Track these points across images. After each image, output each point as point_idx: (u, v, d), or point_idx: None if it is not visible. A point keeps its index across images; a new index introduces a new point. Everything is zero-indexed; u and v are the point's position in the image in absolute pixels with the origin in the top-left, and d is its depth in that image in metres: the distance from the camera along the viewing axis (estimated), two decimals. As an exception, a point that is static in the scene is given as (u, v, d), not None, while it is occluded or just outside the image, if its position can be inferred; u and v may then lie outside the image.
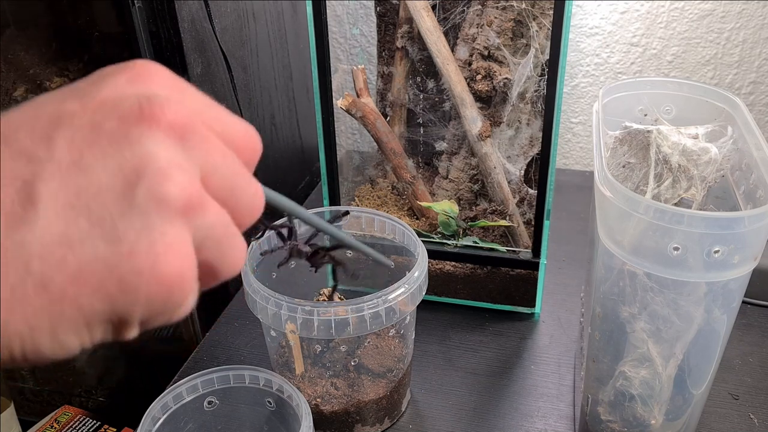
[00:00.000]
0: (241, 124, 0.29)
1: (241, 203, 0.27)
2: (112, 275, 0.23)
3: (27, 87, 0.87)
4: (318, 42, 0.71)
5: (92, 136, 0.23)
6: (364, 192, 0.86)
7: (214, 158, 0.26)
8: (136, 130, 0.24)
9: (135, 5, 0.69)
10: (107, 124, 0.24)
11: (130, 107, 0.24)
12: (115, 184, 0.23)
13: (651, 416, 0.56)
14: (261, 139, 0.30)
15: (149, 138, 0.24)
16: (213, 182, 0.26)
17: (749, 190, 0.53)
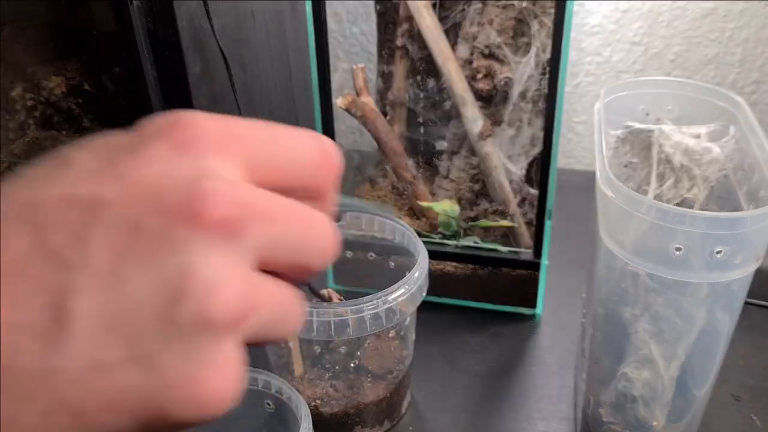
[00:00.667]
0: (311, 142, 0.26)
1: (310, 258, 0.25)
2: (148, 404, 0.21)
3: (24, 86, 0.86)
4: (317, 41, 0.71)
5: (131, 239, 0.21)
6: (364, 192, 0.86)
7: (275, 233, 0.23)
8: (180, 231, 0.21)
9: (133, 4, 0.69)
10: (148, 222, 0.21)
11: (176, 200, 0.21)
12: (154, 301, 0.21)
13: (653, 418, 0.56)
14: (340, 150, 0.27)
15: (194, 243, 0.21)
16: (275, 257, 0.23)
17: (752, 190, 0.52)
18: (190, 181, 0.21)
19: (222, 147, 0.23)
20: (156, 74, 0.74)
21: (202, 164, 0.22)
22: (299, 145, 0.25)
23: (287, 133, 0.25)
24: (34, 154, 0.89)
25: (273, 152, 0.24)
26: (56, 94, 0.87)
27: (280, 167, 0.24)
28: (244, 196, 0.22)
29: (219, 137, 0.23)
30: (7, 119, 0.88)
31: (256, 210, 0.22)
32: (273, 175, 0.24)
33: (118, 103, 0.88)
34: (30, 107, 0.88)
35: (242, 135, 0.24)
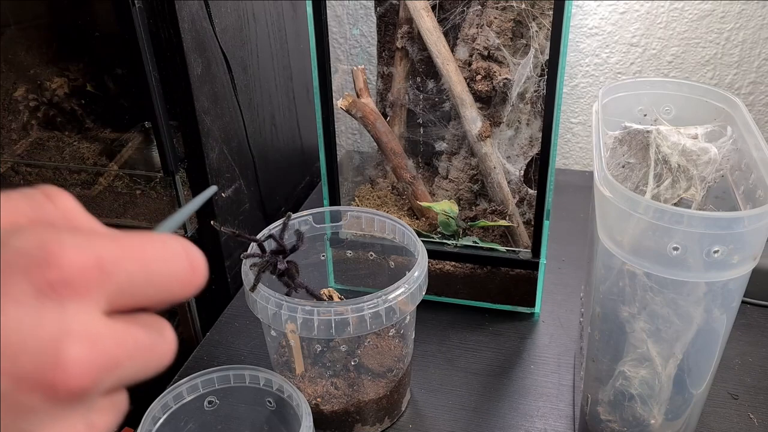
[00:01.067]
0: (181, 262, 0.25)
1: (149, 375, 0.25)
2: None
3: (27, 87, 0.87)
4: (318, 42, 0.71)
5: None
6: (364, 192, 0.86)
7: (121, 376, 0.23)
8: (30, 398, 0.21)
9: (135, 5, 0.70)
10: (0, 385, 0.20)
11: (32, 367, 0.20)
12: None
13: (650, 416, 0.56)
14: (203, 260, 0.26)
15: (42, 412, 0.21)
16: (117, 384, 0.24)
17: (749, 190, 0.53)
18: (50, 344, 0.21)
19: (85, 288, 0.22)
20: (158, 75, 0.74)
21: (64, 318, 0.21)
22: (167, 266, 0.25)
23: (155, 252, 0.24)
24: (37, 155, 0.89)
25: (138, 282, 0.24)
26: (59, 95, 0.87)
27: (142, 294, 0.24)
28: (99, 357, 0.22)
29: (85, 276, 0.22)
30: (9, 120, 0.89)
31: (108, 366, 0.22)
32: (134, 302, 0.24)
33: (121, 104, 0.89)
34: (33, 108, 0.89)
35: (109, 270, 0.23)
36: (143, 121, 0.88)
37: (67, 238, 0.22)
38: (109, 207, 0.88)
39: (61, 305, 0.21)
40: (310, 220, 0.70)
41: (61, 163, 0.88)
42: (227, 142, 0.85)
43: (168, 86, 0.76)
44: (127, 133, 0.89)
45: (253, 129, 0.92)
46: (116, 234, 0.24)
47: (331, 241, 0.77)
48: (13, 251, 0.21)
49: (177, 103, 0.77)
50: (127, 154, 0.87)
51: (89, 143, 0.89)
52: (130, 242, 0.24)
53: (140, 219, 0.87)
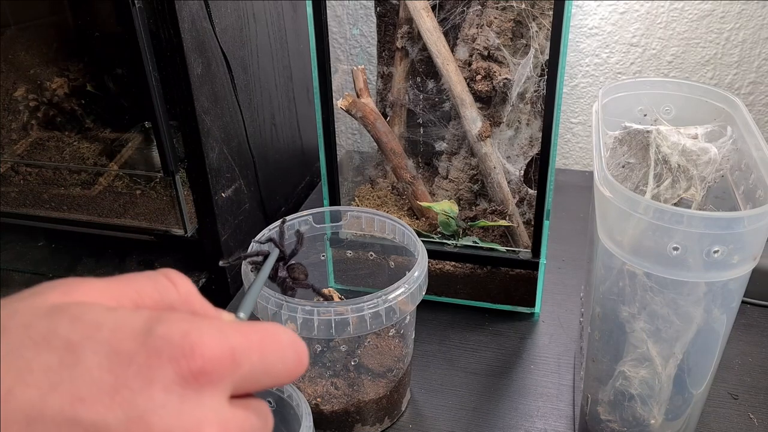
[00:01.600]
0: (292, 355, 0.28)
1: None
2: None
3: (27, 87, 0.87)
4: (318, 42, 0.71)
5: None
6: (364, 192, 0.86)
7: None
8: None
9: (135, 5, 0.70)
10: None
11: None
12: None
13: (650, 416, 0.56)
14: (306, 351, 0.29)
15: None
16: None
17: (749, 190, 0.53)
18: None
19: (219, 378, 0.24)
20: (158, 75, 0.74)
21: (203, 406, 0.24)
22: (281, 359, 0.27)
23: (273, 345, 0.27)
24: (37, 155, 0.89)
25: (257, 370, 0.26)
26: (59, 95, 0.87)
27: (259, 383, 0.27)
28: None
29: (220, 368, 0.24)
30: (9, 120, 0.89)
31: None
32: (251, 388, 0.27)
33: (121, 104, 0.89)
34: (33, 108, 0.89)
35: (238, 362, 0.25)
36: (143, 121, 0.88)
37: (206, 329, 0.25)
38: (109, 207, 0.88)
39: (200, 393, 0.24)
40: (310, 220, 0.70)
41: (61, 163, 0.88)
42: (227, 142, 0.85)
43: (168, 86, 0.76)
44: (127, 133, 0.89)
45: (253, 129, 0.92)
46: (240, 325, 0.26)
47: (331, 241, 0.77)
48: (161, 339, 0.24)
49: (177, 103, 0.77)
50: (127, 154, 0.87)
51: (89, 143, 0.89)
52: (254, 335, 0.26)
53: (140, 219, 0.87)
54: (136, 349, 0.23)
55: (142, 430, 0.22)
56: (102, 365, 0.23)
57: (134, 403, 0.22)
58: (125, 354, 0.23)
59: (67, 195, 0.88)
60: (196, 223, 0.85)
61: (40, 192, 0.89)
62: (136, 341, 0.23)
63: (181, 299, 0.28)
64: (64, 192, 0.88)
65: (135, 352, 0.23)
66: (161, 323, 0.24)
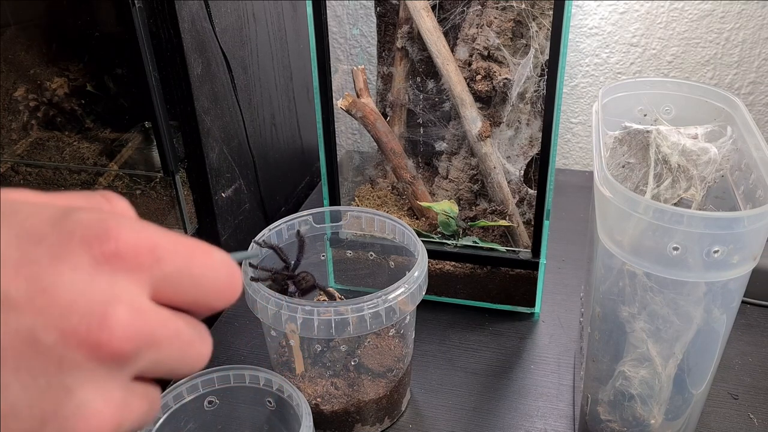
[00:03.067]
0: (222, 271, 0.26)
1: (183, 372, 0.26)
2: None
3: (27, 87, 0.87)
4: (318, 42, 0.71)
5: (25, 348, 0.21)
6: (364, 192, 0.86)
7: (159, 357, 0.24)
8: (74, 354, 0.21)
9: (135, 5, 0.70)
10: (46, 336, 0.21)
11: (80, 324, 0.21)
12: (26, 415, 0.21)
13: (650, 416, 0.56)
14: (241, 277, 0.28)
15: (84, 368, 0.22)
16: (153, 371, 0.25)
17: (749, 190, 0.53)
18: (99, 306, 0.22)
19: (137, 267, 0.23)
20: (158, 75, 0.74)
21: (114, 287, 0.23)
22: (209, 272, 0.26)
23: (202, 257, 0.26)
24: (37, 155, 0.89)
25: (182, 276, 0.25)
26: (59, 95, 0.87)
27: (183, 290, 0.25)
28: (144, 327, 0.23)
29: (138, 256, 0.23)
30: (9, 120, 0.89)
31: (150, 340, 0.23)
32: (175, 297, 0.25)
33: (121, 104, 0.89)
34: (33, 108, 0.89)
35: (160, 257, 0.24)
36: (143, 121, 0.88)
37: (126, 221, 0.24)
38: (109, 207, 0.87)
39: (113, 276, 0.23)
40: (310, 220, 0.70)
41: (61, 163, 0.88)
42: (227, 142, 0.85)
43: (168, 86, 0.76)
44: (127, 133, 0.89)
45: (253, 129, 0.92)
46: (169, 232, 0.25)
47: (331, 241, 0.77)
48: (74, 221, 0.23)
49: (177, 103, 0.77)
50: (127, 154, 0.87)
51: (89, 143, 0.89)
52: (181, 240, 0.25)
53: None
54: (48, 230, 0.22)
55: (45, 302, 0.21)
56: (10, 243, 0.22)
57: (39, 276, 0.22)
58: (36, 234, 0.22)
59: (67, 195, 0.88)
60: (196, 223, 0.85)
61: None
62: (49, 223, 0.23)
63: (114, 212, 0.27)
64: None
65: (47, 233, 0.22)
66: (79, 211, 0.23)
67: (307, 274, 0.61)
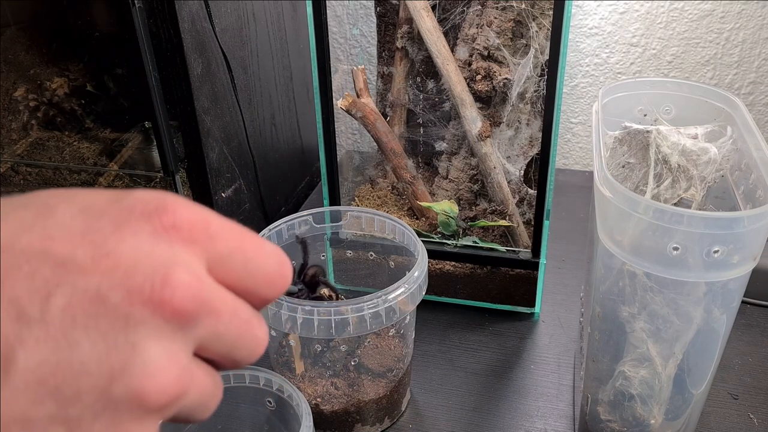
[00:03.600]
0: (272, 260, 0.27)
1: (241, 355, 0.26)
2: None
3: (27, 87, 0.87)
4: (318, 42, 0.71)
5: (92, 307, 0.22)
6: (364, 192, 0.86)
7: (219, 330, 0.25)
8: (139, 312, 0.22)
9: (135, 5, 0.70)
10: (112, 296, 0.22)
11: (144, 282, 0.22)
12: (97, 370, 0.22)
13: (650, 416, 0.56)
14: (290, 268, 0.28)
15: (149, 325, 0.22)
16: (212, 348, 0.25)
17: (749, 190, 0.53)
18: (161, 267, 0.23)
19: (193, 241, 0.24)
20: (158, 75, 0.74)
21: (175, 253, 0.24)
22: (260, 259, 0.26)
23: (254, 243, 0.26)
24: (37, 155, 0.89)
25: (235, 259, 0.26)
26: (59, 95, 0.87)
27: (236, 274, 0.26)
28: (204, 292, 0.24)
29: (194, 230, 0.24)
30: (10, 120, 0.89)
31: (210, 307, 0.24)
32: (227, 278, 0.26)
33: (121, 104, 0.89)
34: (33, 108, 0.89)
35: (214, 234, 0.25)
36: (143, 121, 0.88)
37: (181, 200, 0.25)
38: (109, 207, 0.87)
39: (172, 245, 0.24)
40: (310, 220, 0.70)
41: (61, 163, 0.88)
42: (227, 142, 0.85)
43: (168, 86, 0.76)
44: (127, 133, 0.89)
45: (253, 129, 0.92)
46: (221, 216, 0.26)
47: (331, 241, 0.77)
48: (133, 198, 0.24)
49: (177, 103, 0.77)
50: (127, 154, 0.87)
51: (89, 143, 0.89)
52: (234, 225, 0.26)
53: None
54: (108, 207, 0.24)
55: (110, 264, 0.22)
56: (74, 216, 0.23)
57: (103, 242, 0.22)
58: (98, 210, 0.23)
59: (67, 195, 0.88)
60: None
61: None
62: (109, 202, 0.24)
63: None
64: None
65: (108, 208, 0.24)
66: (136, 191, 0.24)
67: (316, 269, 0.61)
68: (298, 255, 0.63)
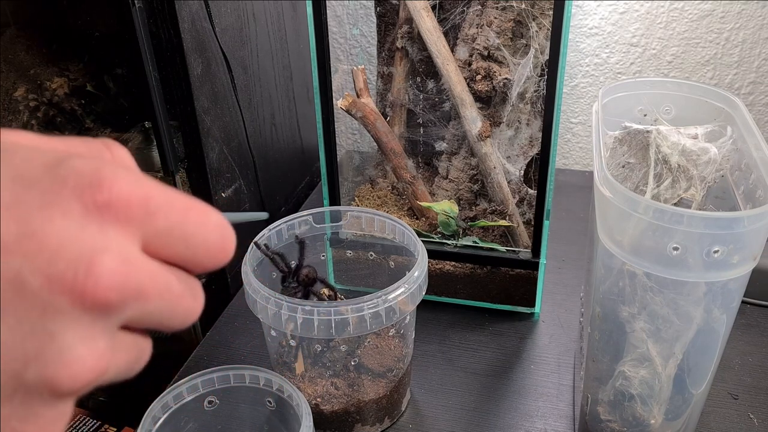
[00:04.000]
0: (215, 232, 0.26)
1: (172, 325, 0.26)
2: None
3: (27, 87, 0.87)
4: (318, 42, 0.71)
5: (11, 291, 0.21)
6: (364, 192, 0.86)
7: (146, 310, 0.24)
8: (59, 299, 0.21)
9: (135, 5, 0.70)
10: (33, 280, 0.21)
11: (66, 270, 0.21)
12: (9, 355, 0.21)
13: (650, 416, 0.56)
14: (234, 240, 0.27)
15: (68, 314, 0.22)
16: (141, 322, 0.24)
17: (749, 190, 0.53)
18: (86, 254, 0.22)
19: (128, 219, 0.23)
20: (158, 75, 0.74)
21: (104, 236, 0.22)
22: (202, 232, 0.26)
23: (198, 216, 0.26)
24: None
25: (174, 234, 0.25)
26: (59, 95, 0.87)
27: (175, 248, 0.25)
28: (131, 278, 0.23)
29: (130, 208, 0.23)
30: (10, 120, 0.89)
31: (138, 291, 0.23)
32: (164, 252, 0.25)
33: (121, 104, 0.89)
34: (33, 108, 0.89)
35: (153, 210, 0.24)
36: (143, 121, 0.88)
37: (122, 172, 0.23)
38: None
39: (103, 226, 0.22)
40: (310, 220, 0.70)
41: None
42: (227, 142, 0.85)
43: (168, 86, 0.76)
44: (127, 133, 0.89)
45: (253, 129, 0.92)
46: (166, 186, 0.25)
47: (331, 241, 0.77)
48: (69, 168, 0.22)
49: (177, 103, 0.77)
50: (127, 154, 0.87)
51: (89, 143, 0.89)
52: (177, 197, 0.25)
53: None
54: (42, 175, 0.22)
55: (33, 246, 0.21)
56: (6, 185, 0.22)
57: (29, 219, 0.21)
58: (30, 178, 0.22)
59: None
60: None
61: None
62: (43, 168, 0.23)
63: (114, 162, 0.26)
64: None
65: (40, 177, 0.22)
66: (75, 158, 0.23)
67: (309, 270, 0.62)
68: (297, 255, 0.63)
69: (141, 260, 0.24)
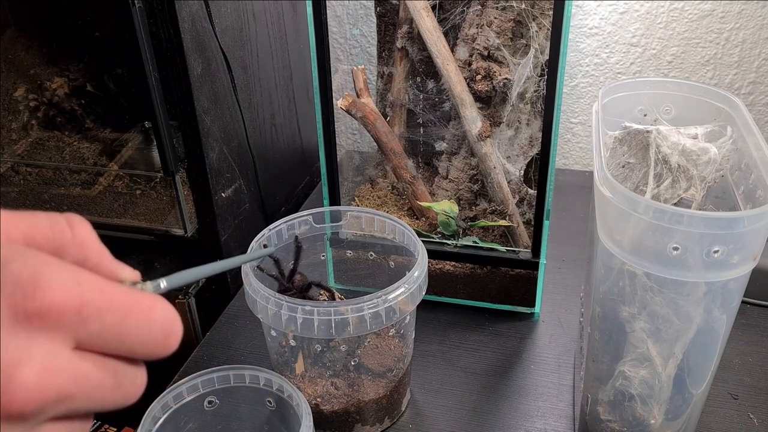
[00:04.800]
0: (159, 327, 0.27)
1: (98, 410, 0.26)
2: None
3: (27, 87, 0.87)
4: (318, 42, 0.71)
5: None
6: (364, 192, 0.86)
7: (68, 408, 0.25)
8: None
9: (135, 5, 0.70)
10: None
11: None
12: None
13: (650, 416, 0.56)
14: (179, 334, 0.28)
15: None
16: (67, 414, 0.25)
17: (749, 190, 0.53)
18: (8, 366, 0.23)
19: (58, 327, 0.24)
20: (158, 75, 0.74)
21: (30, 345, 0.23)
22: (143, 331, 0.26)
23: (139, 316, 0.26)
24: (37, 155, 0.89)
25: (108, 335, 0.25)
26: (59, 95, 0.87)
27: (110, 346, 0.26)
28: (49, 386, 0.23)
29: (61, 316, 0.24)
30: (9, 120, 0.89)
31: (58, 396, 0.24)
32: (101, 349, 0.26)
33: (121, 104, 0.89)
34: (33, 108, 0.89)
35: (87, 316, 0.24)
36: (143, 121, 0.88)
37: (60, 275, 0.24)
38: (108, 207, 0.88)
39: (31, 334, 0.23)
40: (310, 220, 0.70)
41: (61, 163, 0.88)
42: (227, 142, 0.85)
43: (168, 86, 0.76)
44: (127, 133, 0.89)
45: (253, 129, 0.92)
46: (108, 285, 0.25)
47: (331, 241, 0.77)
48: (7, 273, 0.23)
49: (177, 103, 0.77)
50: (127, 154, 0.87)
51: (89, 143, 0.89)
52: (118, 297, 0.25)
53: (140, 219, 0.87)
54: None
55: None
56: None
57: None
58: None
59: (67, 195, 0.88)
60: (196, 223, 0.85)
61: (40, 192, 0.89)
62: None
63: (75, 242, 0.27)
64: (64, 192, 0.88)
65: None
66: (19, 259, 0.24)
67: (301, 276, 0.62)
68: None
69: (67, 364, 0.24)
